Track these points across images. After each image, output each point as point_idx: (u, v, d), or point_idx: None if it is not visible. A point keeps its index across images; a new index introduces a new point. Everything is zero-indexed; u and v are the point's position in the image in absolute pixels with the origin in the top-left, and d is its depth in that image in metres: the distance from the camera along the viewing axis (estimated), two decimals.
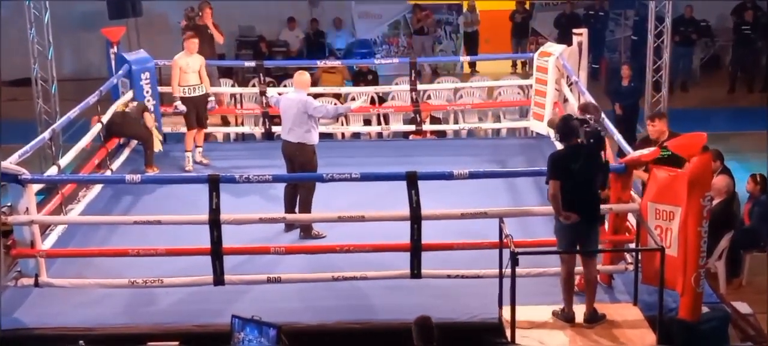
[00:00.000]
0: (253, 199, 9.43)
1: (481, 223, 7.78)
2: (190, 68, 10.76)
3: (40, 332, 7.34)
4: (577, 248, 7.01)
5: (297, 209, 8.86)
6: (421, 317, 6.28)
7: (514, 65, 18.19)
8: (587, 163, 6.92)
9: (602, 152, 7.41)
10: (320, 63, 13.82)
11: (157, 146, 10.87)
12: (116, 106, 10.76)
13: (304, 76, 9.15)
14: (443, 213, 7.91)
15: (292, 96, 9.06)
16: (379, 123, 13.06)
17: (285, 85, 14.58)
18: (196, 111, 10.87)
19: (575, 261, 7.06)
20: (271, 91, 11.90)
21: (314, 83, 14.90)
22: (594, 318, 7.03)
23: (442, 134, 12.86)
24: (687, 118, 13.61)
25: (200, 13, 12.70)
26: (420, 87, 12.60)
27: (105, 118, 10.43)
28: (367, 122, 13.20)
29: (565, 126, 6.99)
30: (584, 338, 6.87)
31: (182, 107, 10.75)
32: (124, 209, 9.63)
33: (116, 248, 8.25)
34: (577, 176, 6.86)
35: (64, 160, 9.48)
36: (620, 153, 8.44)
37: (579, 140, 6.94)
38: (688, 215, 6.99)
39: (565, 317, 7.05)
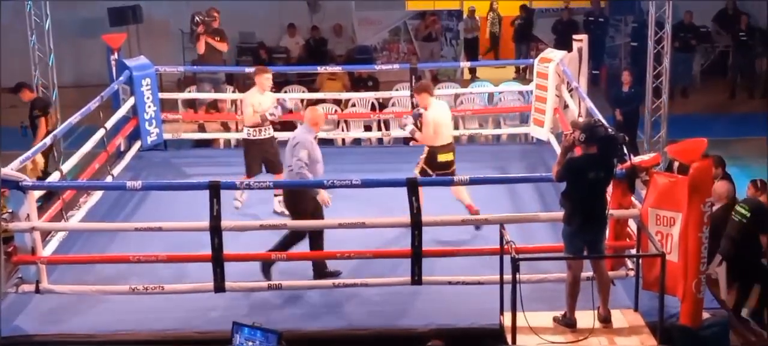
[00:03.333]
0: (254, 205, 9.43)
1: (482, 229, 7.78)
2: (261, 107, 9.36)
3: (40, 338, 7.34)
4: (584, 252, 7.03)
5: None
6: (433, 342, 6.46)
7: (518, 71, 18.18)
8: (602, 173, 6.94)
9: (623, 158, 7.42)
10: (321, 69, 13.82)
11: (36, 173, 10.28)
12: None
13: (315, 113, 8.56)
14: (444, 219, 7.92)
15: (296, 132, 8.53)
16: (379, 129, 13.07)
17: (285, 91, 14.59)
18: (263, 156, 9.51)
19: (582, 266, 7.07)
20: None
21: (316, 90, 14.98)
22: (608, 319, 7.09)
23: None
24: (687, 124, 13.64)
25: (214, 16, 12.68)
26: None
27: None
28: (368, 128, 13.21)
29: (592, 131, 6.98)
30: (585, 344, 6.87)
31: (279, 112, 9.41)
32: (126, 215, 9.64)
33: (117, 254, 8.26)
34: (592, 184, 6.89)
35: (66, 167, 9.50)
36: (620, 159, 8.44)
37: (597, 150, 6.92)
38: (688, 221, 7.00)
39: (567, 322, 7.05)
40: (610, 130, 7.17)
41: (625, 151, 7.24)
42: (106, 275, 8.01)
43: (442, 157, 8.92)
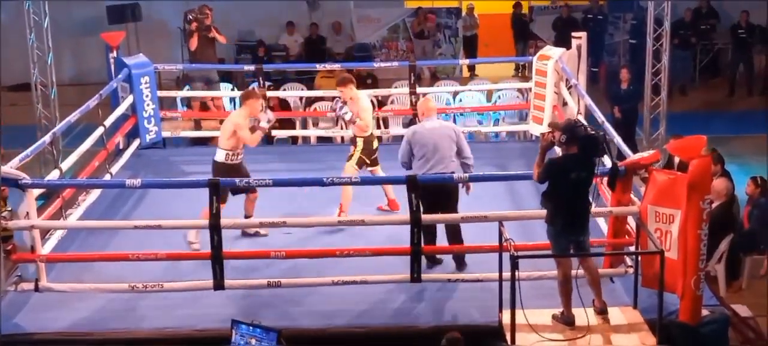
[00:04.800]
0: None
1: (481, 226, 7.78)
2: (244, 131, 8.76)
3: (40, 336, 7.35)
4: (571, 251, 7.04)
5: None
6: (451, 333, 6.42)
7: (517, 69, 18.17)
8: (584, 173, 6.94)
9: (601, 159, 7.41)
10: (319, 67, 13.82)
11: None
12: None
13: (428, 103, 8.47)
14: (443, 217, 7.92)
15: (434, 125, 8.21)
16: (378, 127, 13.06)
17: (285, 89, 14.60)
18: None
19: (571, 264, 7.08)
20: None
21: (313, 88, 14.99)
22: (605, 310, 7.14)
23: None
24: (687, 122, 13.65)
25: (207, 13, 12.65)
26: (419, 90, 12.60)
27: None
28: None
29: (572, 130, 6.98)
30: (584, 341, 6.87)
31: (271, 116, 9.09)
32: (125, 214, 9.63)
33: (116, 252, 8.26)
34: (574, 184, 6.89)
35: (65, 165, 9.49)
36: (619, 156, 8.46)
37: (577, 150, 6.93)
38: (687, 218, 7.00)
39: (565, 320, 7.06)
40: (589, 129, 7.17)
41: (607, 149, 7.26)
42: (105, 273, 8.01)
43: (375, 144, 9.25)
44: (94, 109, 10.23)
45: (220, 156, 8.69)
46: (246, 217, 8.81)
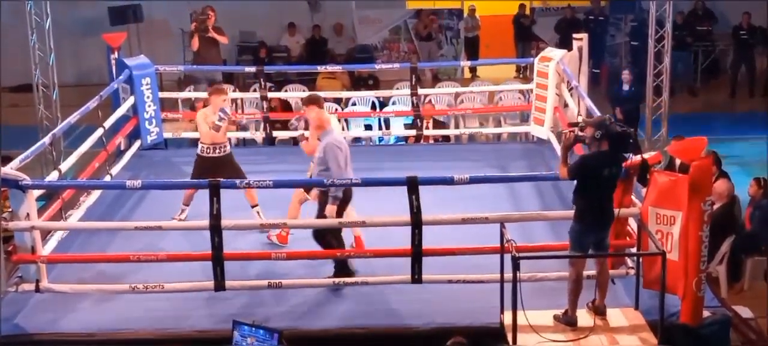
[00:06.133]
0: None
1: (483, 228, 7.77)
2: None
3: (40, 337, 7.34)
4: (589, 251, 7.03)
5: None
6: (456, 338, 6.40)
7: (519, 70, 18.16)
8: (614, 170, 6.95)
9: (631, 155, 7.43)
10: (321, 68, 13.83)
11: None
12: None
13: (326, 113, 8.42)
14: (444, 218, 7.91)
15: (340, 134, 8.49)
16: (380, 128, 13.07)
17: (286, 90, 14.60)
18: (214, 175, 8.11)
19: (585, 264, 7.07)
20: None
21: (314, 89, 14.97)
22: (603, 311, 7.16)
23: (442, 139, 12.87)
24: (688, 123, 13.63)
25: (209, 14, 12.66)
26: (421, 92, 12.60)
27: None
28: (368, 127, 13.21)
29: (606, 127, 6.93)
30: (586, 342, 6.86)
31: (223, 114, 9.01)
32: (125, 214, 9.63)
33: (117, 253, 8.26)
34: (604, 182, 6.89)
35: (65, 166, 9.49)
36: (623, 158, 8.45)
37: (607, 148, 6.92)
38: (688, 220, 6.99)
39: (567, 320, 7.05)
40: (619, 126, 7.16)
41: (637, 146, 7.25)
42: (106, 273, 8.01)
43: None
44: (95, 110, 10.23)
45: (199, 150, 9.11)
46: (253, 206, 9.02)
